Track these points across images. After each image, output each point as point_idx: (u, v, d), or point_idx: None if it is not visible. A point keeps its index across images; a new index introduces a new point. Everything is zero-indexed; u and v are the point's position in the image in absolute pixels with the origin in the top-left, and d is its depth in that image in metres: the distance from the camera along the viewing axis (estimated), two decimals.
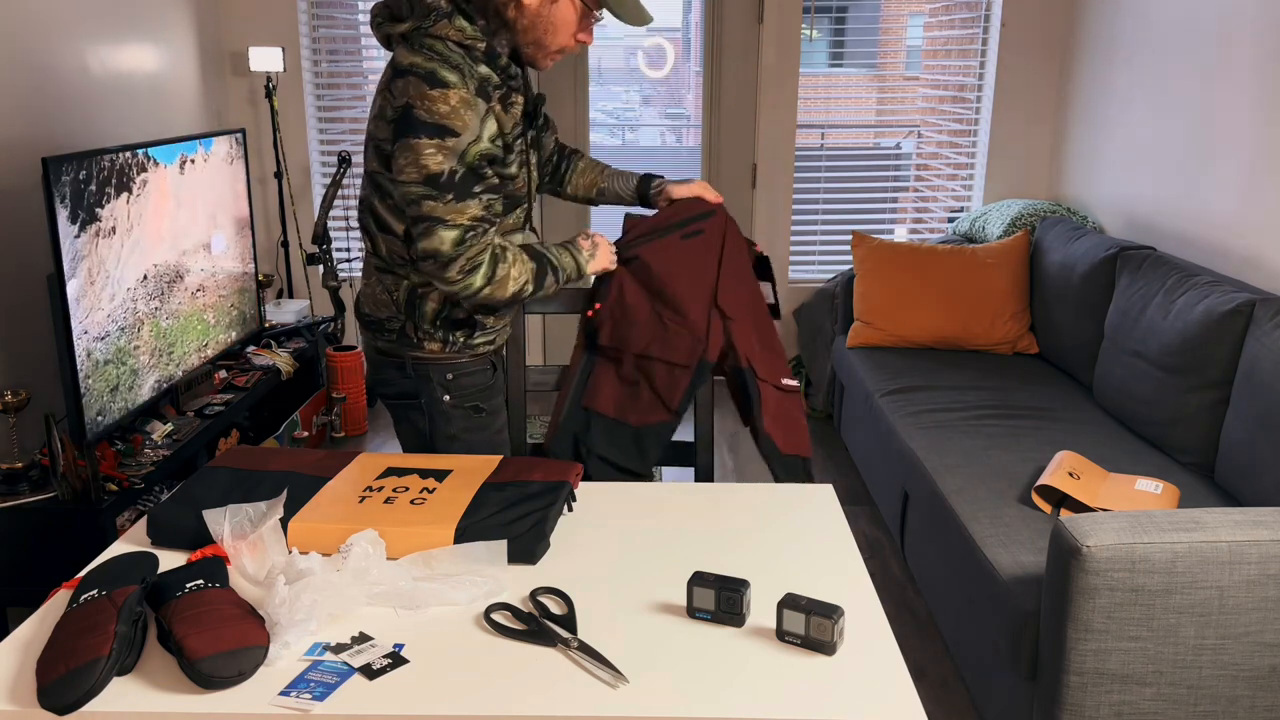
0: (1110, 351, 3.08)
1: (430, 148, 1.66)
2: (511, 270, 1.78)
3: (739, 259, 2.03)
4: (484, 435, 1.96)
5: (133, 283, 2.94)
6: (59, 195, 2.55)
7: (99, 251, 2.74)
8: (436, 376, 1.90)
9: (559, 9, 1.74)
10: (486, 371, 1.95)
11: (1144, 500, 2.35)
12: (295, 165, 4.52)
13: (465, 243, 1.71)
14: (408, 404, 1.95)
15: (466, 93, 1.67)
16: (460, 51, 1.71)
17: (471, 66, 1.71)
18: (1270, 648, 1.88)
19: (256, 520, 1.43)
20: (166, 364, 3.13)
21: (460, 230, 1.70)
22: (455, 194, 1.69)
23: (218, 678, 1.14)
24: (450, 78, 1.67)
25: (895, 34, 4.77)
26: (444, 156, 1.67)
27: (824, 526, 1.58)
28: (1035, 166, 4.53)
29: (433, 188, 1.68)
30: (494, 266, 1.76)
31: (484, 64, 1.73)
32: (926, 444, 2.85)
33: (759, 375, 2.00)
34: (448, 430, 1.94)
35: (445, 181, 1.68)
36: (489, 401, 1.96)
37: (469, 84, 1.68)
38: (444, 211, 1.69)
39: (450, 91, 1.66)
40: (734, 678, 1.19)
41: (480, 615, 1.31)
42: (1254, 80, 2.93)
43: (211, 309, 3.46)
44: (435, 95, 1.65)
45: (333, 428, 4.15)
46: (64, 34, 3.24)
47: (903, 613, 2.88)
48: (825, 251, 4.73)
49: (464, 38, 1.71)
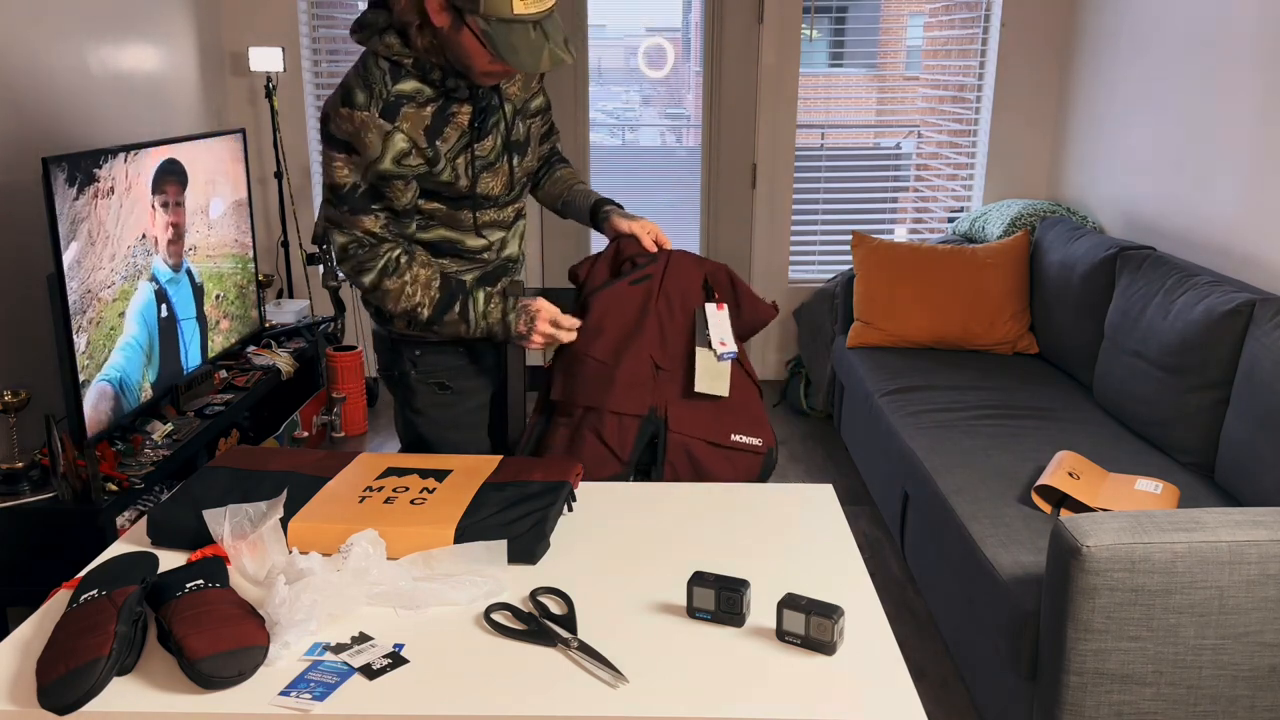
0: (1110, 351, 3.08)
1: (339, 161, 1.79)
2: (406, 288, 1.86)
3: (682, 309, 1.98)
4: (451, 413, 2.04)
5: (132, 241, 2.96)
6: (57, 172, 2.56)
7: (97, 213, 2.76)
8: (406, 352, 2.02)
9: (465, 37, 1.70)
10: (458, 353, 2.03)
11: (1144, 500, 2.35)
12: (295, 165, 4.52)
13: (348, 250, 1.84)
14: (389, 376, 2.08)
15: (368, 114, 1.75)
16: (385, 67, 1.77)
17: (388, 87, 1.76)
18: (1270, 648, 1.88)
19: (256, 520, 1.43)
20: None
21: (347, 238, 1.83)
22: (350, 207, 1.81)
23: (218, 678, 1.14)
24: (359, 99, 1.75)
25: (895, 34, 4.77)
26: (349, 170, 1.79)
27: (824, 526, 1.58)
28: (1035, 166, 4.53)
29: (335, 196, 1.82)
30: (382, 277, 1.85)
31: (414, 79, 1.78)
32: (926, 444, 2.85)
33: (670, 426, 1.94)
34: (414, 404, 2.05)
35: (345, 194, 1.80)
36: (457, 381, 2.04)
37: (375, 105, 1.75)
38: (338, 219, 1.83)
39: (355, 113, 1.75)
40: (734, 678, 1.19)
41: (480, 615, 1.31)
42: (1254, 80, 2.93)
43: (212, 278, 3.47)
44: (343, 114, 1.76)
45: (333, 428, 4.15)
46: (64, 34, 3.24)
47: (903, 613, 2.88)
48: (825, 251, 4.73)
49: (392, 53, 1.76)
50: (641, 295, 1.98)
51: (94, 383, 2.75)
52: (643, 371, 1.94)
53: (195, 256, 3.37)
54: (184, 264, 3.30)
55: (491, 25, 1.66)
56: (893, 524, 3.14)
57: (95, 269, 2.74)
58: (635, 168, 4.98)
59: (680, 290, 2.00)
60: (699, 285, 2.01)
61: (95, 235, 2.74)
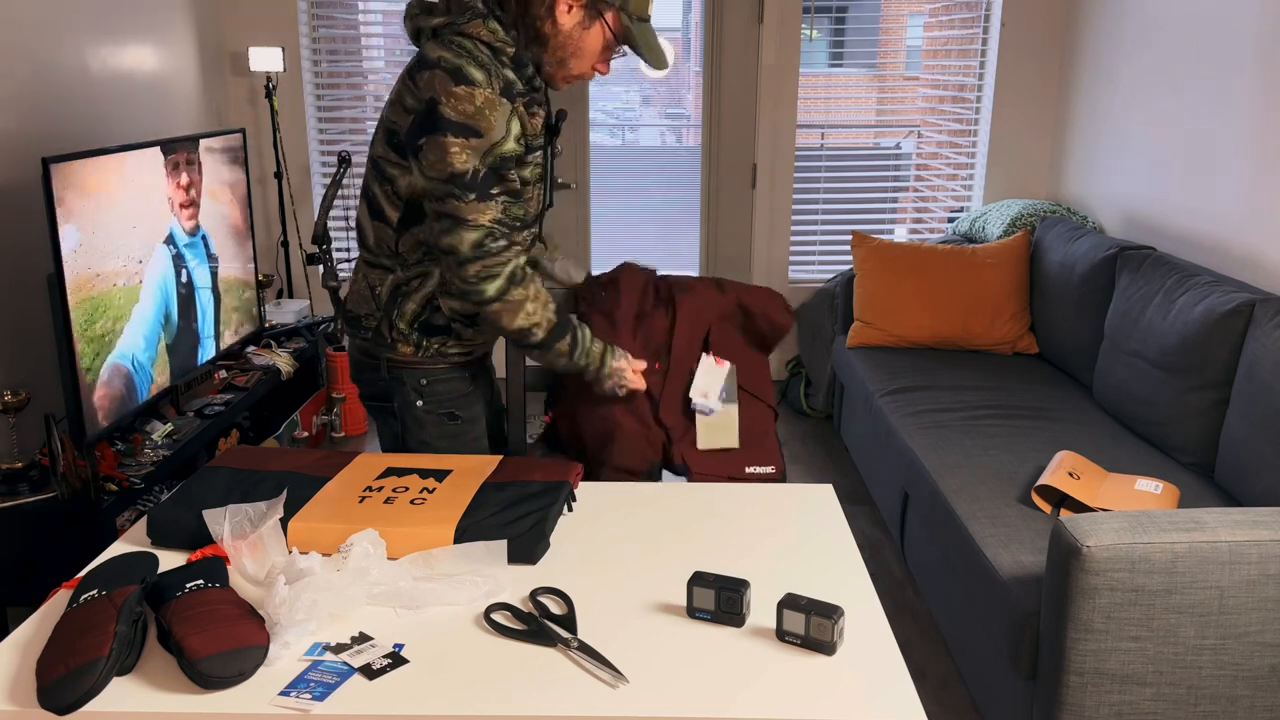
0: (1110, 351, 3.08)
1: (456, 145, 1.66)
2: (528, 303, 1.77)
3: (688, 353, 2.00)
4: (459, 443, 1.92)
5: (140, 220, 3.00)
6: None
7: (99, 209, 2.78)
8: (410, 381, 1.88)
9: (590, 35, 1.75)
10: (464, 379, 1.92)
11: (1144, 500, 2.35)
12: (295, 165, 4.52)
13: (483, 246, 1.71)
14: (382, 406, 1.93)
15: (491, 92, 1.67)
16: (488, 53, 1.71)
17: (498, 68, 1.71)
18: (1270, 648, 1.88)
19: (256, 520, 1.43)
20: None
21: (480, 232, 1.70)
22: (477, 194, 1.69)
23: (218, 678, 1.14)
24: (477, 75, 1.66)
25: (895, 34, 4.77)
26: (469, 155, 1.67)
27: (824, 526, 1.58)
28: (1035, 166, 4.53)
29: (456, 186, 1.68)
30: (510, 284, 1.74)
31: (510, 69, 1.74)
32: (926, 444, 2.85)
33: (691, 470, 1.97)
34: (420, 436, 1.90)
35: (470, 180, 1.68)
36: (465, 409, 1.93)
37: (495, 84, 1.68)
38: (466, 211, 1.69)
39: (476, 90, 1.65)
40: (734, 678, 1.19)
41: (480, 615, 1.31)
42: (1254, 80, 2.93)
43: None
44: (461, 93, 1.65)
45: (333, 428, 4.15)
46: (64, 34, 3.24)
47: (903, 613, 2.87)
48: (825, 251, 4.73)
49: (495, 39, 1.71)
50: (656, 337, 1.98)
51: (107, 362, 2.76)
52: (644, 431, 1.95)
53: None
54: (200, 229, 3.33)
55: (634, 24, 1.73)
56: (893, 524, 3.14)
57: (104, 257, 2.75)
58: (635, 168, 4.98)
59: (690, 328, 2.00)
60: (704, 332, 2.01)
61: (96, 232, 2.75)
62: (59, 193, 2.56)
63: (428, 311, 1.84)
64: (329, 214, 4.03)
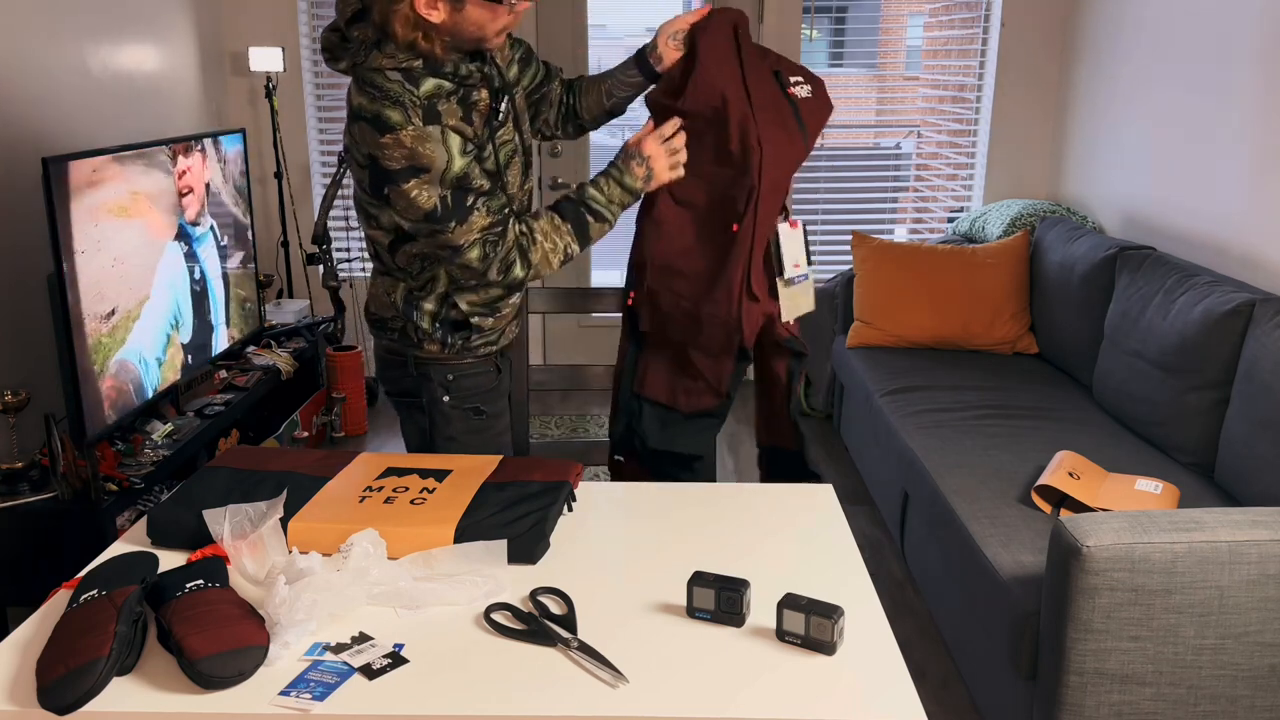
0: (1110, 351, 3.08)
1: (414, 188, 1.69)
2: (545, 249, 1.81)
3: (772, 196, 1.90)
4: (483, 438, 1.95)
5: (145, 221, 3.01)
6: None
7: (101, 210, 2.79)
8: (437, 377, 1.91)
9: (467, 11, 1.69)
10: (490, 373, 1.95)
11: (1144, 500, 2.35)
12: (295, 165, 4.52)
13: (487, 257, 1.76)
14: (410, 402, 1.97)
15: (413, 128, 1.66)
16: (399, 78, 1.68)
17: (413, 92, 1.68)
18: (1270, 648, 1.88)
19: (256, 520, 1.43)
20: None
21: (478, 246, 1.74)
22: (456, 219, 1.72)
23: (218, 678, 1.14)
24: (394, 118, 1.66)
25: (895, 34, 4.77)
26: (429, 191, 1.69)
27: (824, 526, 1.58)
28: (1035, 166, 4.53)
29: (434, 222, 1.71)
30: (526, 255, 1.80)
31: (429, 78, 1.71)
32: (926, 444, 2.85)
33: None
34: (447, 431, 1.94)
35: (443, 213, 1.71)
36: (491, 405, 1.96)
37: (414, 114, 1.67)
38: (455, 238, 1.73)
39: (400, 134, 1.66)
40: (734, 678, 1.19)
41: (480, 615, 1.31)
42: (1254, 80, 2.93)
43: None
44: (388, 142, 1.66)
45: (333, 428, 4.15)
46: (64, 34, 3.24)
47: (903, 613, 2.88)
48: (825, 251, 4.73)
49: (397, 63, 1.69)
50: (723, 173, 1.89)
51: (115, 357, 2.77)
52: (725, 313, 1.94)
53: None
54: (208, 220, 3.35)
55: None
56: (893, 524, 3.14)
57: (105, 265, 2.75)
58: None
59: (772, 193, 1.90)
60: (785, 193, 1.94)
61: (100, 234, 2.75)
62: (59, 192, 2.56)
63: (445, 308, 1.87)
64: (329, 214, 4.04)
